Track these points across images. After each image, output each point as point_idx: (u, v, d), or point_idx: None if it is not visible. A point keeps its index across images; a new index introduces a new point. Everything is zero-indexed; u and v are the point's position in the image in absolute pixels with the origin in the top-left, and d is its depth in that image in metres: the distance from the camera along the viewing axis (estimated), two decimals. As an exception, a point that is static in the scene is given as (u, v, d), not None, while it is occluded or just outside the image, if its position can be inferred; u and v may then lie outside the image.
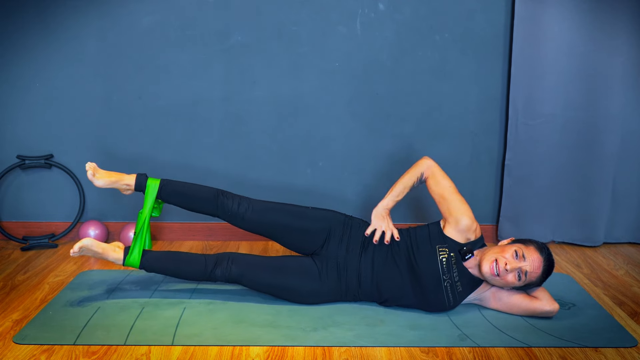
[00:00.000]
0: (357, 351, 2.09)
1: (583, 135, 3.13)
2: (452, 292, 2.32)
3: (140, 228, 2.42)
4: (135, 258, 2.39)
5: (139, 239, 2.41)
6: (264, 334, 2.19)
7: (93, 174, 2.42)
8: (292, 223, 2.46)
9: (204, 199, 2.48)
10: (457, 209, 2.37)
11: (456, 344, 2.14)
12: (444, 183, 2.42)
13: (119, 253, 2.40)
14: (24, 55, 3.05)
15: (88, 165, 2.42)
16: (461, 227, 2.35)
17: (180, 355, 2.04)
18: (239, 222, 2.49)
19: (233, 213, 2.47)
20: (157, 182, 2.46)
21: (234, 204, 2.48)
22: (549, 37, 3.01)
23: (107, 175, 2.45)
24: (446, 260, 2.31)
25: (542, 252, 2.26)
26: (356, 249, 2.42)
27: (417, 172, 2.45)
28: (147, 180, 2.46)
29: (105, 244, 2.40)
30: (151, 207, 2.45)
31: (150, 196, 2.45)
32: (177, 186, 2.49)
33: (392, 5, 3.05)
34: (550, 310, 2.30)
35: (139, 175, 2.47)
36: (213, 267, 2.41)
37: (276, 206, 2.50)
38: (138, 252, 2.40)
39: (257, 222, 2.48)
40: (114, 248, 2.41)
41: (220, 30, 3.06)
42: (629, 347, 2.14)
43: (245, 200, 2.50)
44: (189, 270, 2.42)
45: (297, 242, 2.49)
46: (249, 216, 2.47)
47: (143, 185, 2.46)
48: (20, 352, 2.04)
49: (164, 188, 2.46)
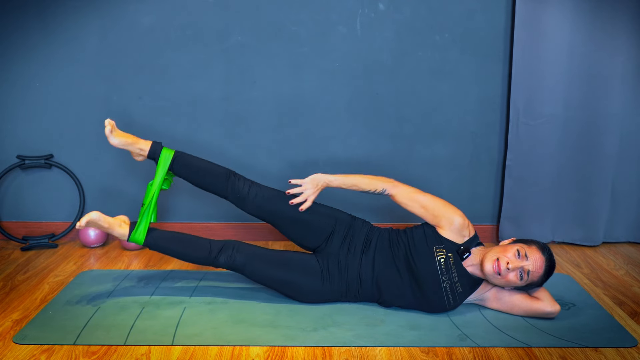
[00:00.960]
0: (357, 351, 2.09)
1: (583, 135, 3.13)
2: (452, 292, 2.32)
3: (149, 200, 2.41)
4: (140, 234, 2.39)
5: (146, 212, 2.40)
6: (264, 334, 2.19)
7: (111, 130, 2.42)
8: (298, 215, 2.46)
9: (216, 177, 2.49)
10: (444, 212, 2.36)
11: (456, 344, 2.14)
12: (413, 193, 2.42)
13: (125, 229, 2.40)
14: (24, 55, 3.05)
15: (107, 121, 2.43)
16: (455, 227, 2.34)
17: (180, 355, 2.04)
18: (247, 205, 2.49)
19: (243, 195, 2.47)
20: (171, 152, 2.46)
21: (245, 186, 2.48)
22: (549, 38, 3.01)
23: (124, 135, 2.46)
24: (444, 260, 2.31)
25: (544, 252, 2.26)
26: (358, 250, 2.42)
27: (378, 183, 2.45)
28: (161, 149, 2.46)
29: (111, 218, 2.40)
30: (162, 178, 2.44)
31: (162, 166, 2.44)
32: (190, 160, 2.49)
33: (392, 5, 3.05)
34: (552, 311, 2.30)
35: (155, 142, 2.47)
36: (217, 254, 2.40)
37: (285, 196, 2.50)
38: (144, 229, 2.39)
39: (264, 208, 2.48)
40: (120, 223, 2.41)
41: (220, 30, 3.06)
42: (629, 347, 2.14)
43: (255, 185, 2.51)
44: (193, 254, 2.42)
45: (300, 234, 2.49)
46: (258, 201, 2.47)
47: (157, 153, 2.45)
48: (20, 352, 2.04)
49: (177, 159, 2.46)
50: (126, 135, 2.46)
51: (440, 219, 2.36)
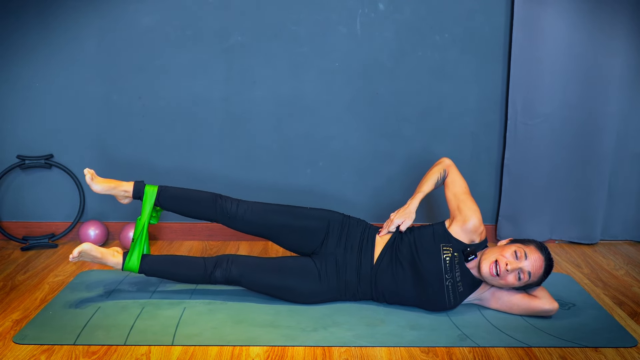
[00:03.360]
0: (357, 351, 2.09)
1: (581, 134, 3.14)
2: (454, 291, 2.32)
3: (139, 234, 2.42)
4: (134, 263, 2.39)
5: (138, 245, 2.41)
6: (264, 334, 2.19)
7: (91, 177, 2.43)
8: (290, 223, 2.46)
9: (202, 204, 2.48)
10: (468, 207, 2.39)
11: (456, 344, 2.14)
12: (460, 182, 2.49)
13: (118, 257, 2.40)
14: (24, 55, 3.05)
15: (86, 171, 2.43)
16: (468, 227, 2.35)
17: (180, 355, 2.04)
18: (238, 224, 2.49)
19: (232, 215, 2.47)
20: (154, 188, 2.46)
21: (233, 206, 2.48)
22: (548, 38, 3.02)
23: (105, 182, 2.46)
24: (449, 259, 2.31)
25: (542, 252, 2.27)
26: (355, 247, 2.43)
27: (440, 169, 2.52)
28: (144, 187, 2.46)
29: (104, 248, 2.40)
30: (149, 214, 2.46)
31: (148, 203, 2.45)
32: (174, 192, 2.49)
33: (392, 5, 3.05)
34: (550, 309, 2.30)
35: (137, 182, 2.48)
36: (213, 269, 2.41)
37: (274, 207, 2.50)
38: (137, 257, 2.40)
39: (256, 223, 2.48)
40: (113, 253, 2.41)
41: (220, 30, 3.06)
42: (629, 347, 2.14)
43: (243, 203, 2.51)
44: (189, 274, 2.43)
45: (296, 242, 2.49)
46: (248, 217, 2.47)
47: (141, 192, 2.46)
48: (20, 352, 2.04)
49: (161, 194, 2.46)
50: (107, 181, 2.46)
51: (459, 213, 2.39)
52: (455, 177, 2.50)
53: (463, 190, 2.46)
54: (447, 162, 2.53)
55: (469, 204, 2.40)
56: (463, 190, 2.45)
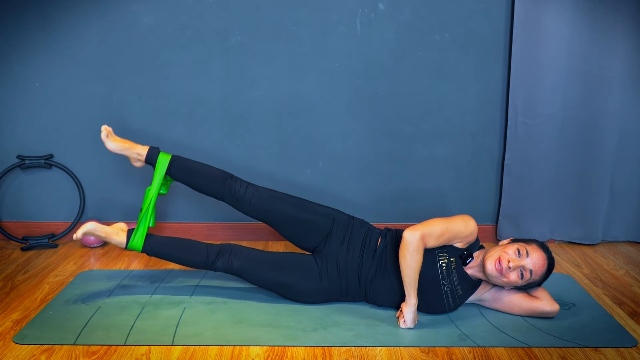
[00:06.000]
0: (357, 351, 2.09)
1: (582, 134, 3.14)
2: (453, 296, 2.32)
3: (147, 204, 2.43)
4: (138, 242, 2.40)
5: (144, 217, 2.41)
6: (264, 334, 2.19)
7: (107, 134, 2.45)
8: (296, 214, 2.46)
9: (212, 179, 2.49)
10: (461, 231, 2.29)
11: (456, 344, 2.14)
12: (437, 231, 2.25)
13: (122, 237, 2.42)
14: (24, 55, 3.05)
15: (104, 127, 2.45)
16: (469, 240, 2.35)
17: (180, 355, 2.04)
18: (244, 206, 2.49)
19: (240, 196, 2.47)
20: (168, 157, 2.48)
21: (242, 188, 2.49)
22: (549, 37, 3.01)
23: (121, 141, 2.48)
24: (446, 265, 2.30)
25: (544, 251, 2.27)
26: (357, 250, 2.42)
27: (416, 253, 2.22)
28: (158, 154, 2.47)
29: (108, 227, 2.42)
30: (160, 183, 2.46)
31: (159, 171, 2.45)
32: (187, 163, 2.50)
33: (392, 5, 3.05)
34: (550, 310, 2.30)
35: (152, 148, 2.49)
36: (215, 258, 2.41)
37: (282, 196, 2.50)
38: (141, 236, 2.40)
39: (262, 208, 2.48)
40: (117, 231, 2.43)
41: (220, 30, 3.06)
42: (629, 347, 2.14)
43: (252, 186, 2.51)
44: (191, 259, 2.43)
45: (298, 234, 2.48)
46: (255, 201, 2.47)
47: (154, 158, 2.47)
48: (20, 352, 2.04)
49: (174, 164, 2.47)
50: (123, 141, 2.48)
51: (460, 239, 2.32)
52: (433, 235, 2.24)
53: (444, 228, 2.26)
54: (415, 236, 2.21)
55: (459, 229, 2.28)
56: (444, 229, 2.26)
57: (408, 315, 2.24)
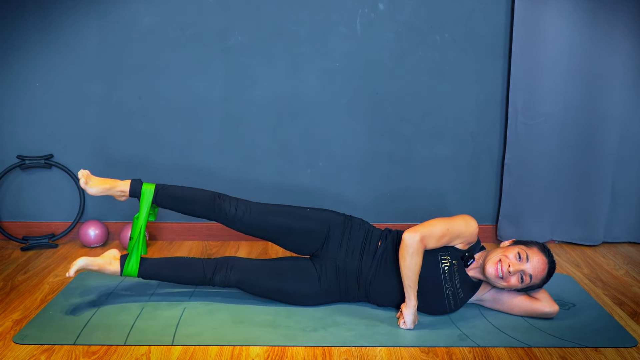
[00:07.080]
0: (357, 351, 2.09)
1: (582, 134, 3.14)
2: (454, 298, 2.32)
3: (137, 234, 2.40)
4: (133, 268, 2.37)
5: (136, 245, 2.39)
6: (264, 334, 2.19)
7: (86, 181, 2.36)
8: (290, 225, 2.43)
9: (201, 203, 2.44)
10: (462, 232, 2.28)
11: (456, 344, 2.14)
12: (438, 232, 2.24)
13: (115, 266, 2.37)
14: (24, 55, 3.05)
15: (81, 173, 2.37)
16: (470, 241, 2.34)
17: (180, 355, 2.04)
18: (236, 225, 2.45)
19: (230, 216, 2.44)
20: (152, 187, 2.42)
21: (231, 207, 2.44)
22: (549, 37, 3.01)
23: (101, 182, 2.39)
24: (448, 268, 2.29)
25: (545, 254, 2.26)
26: (356, 252, 2.40)
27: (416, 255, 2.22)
28: (141, 185, 2.42)
29: (100, 259, 2.36)
30: (147, 213, 2.42)
31: (145, 202, 2.41)
32: (173, 191, 2.45)
33: (392, 5, 3.05)
34: (550, 311, 2.30)
35: (134, 181, 2.43)
36: (212, 274, 2.39)
37: (274, 208, 2.46)
38: (135, 261, 2.37)
39: (255, 225, 2.44)
40: (110, 261, 2.37)
41: (220, 30, 3.06)
42: (629, 347, 2.14)
43: (242, 203, 2.46)
44: (187, 277, 2.41)
45: (296, 243, 2.46)
46: (247, 219, 2.43)
47: (138, 192, 2.41)
48: (20, 352, 2.04)
49: (159, 193, 2.42)
50: (103, 182, 2.40)
51: (461, 239, 2.31)
52: (433, 236, 2.23)
53: (445, 229, 2.25)
54: (414, 238, 2.20)
55: (459, 229, 2.28)
56: (445, 229, 2.25)
57: (408, 317, 2.24)
